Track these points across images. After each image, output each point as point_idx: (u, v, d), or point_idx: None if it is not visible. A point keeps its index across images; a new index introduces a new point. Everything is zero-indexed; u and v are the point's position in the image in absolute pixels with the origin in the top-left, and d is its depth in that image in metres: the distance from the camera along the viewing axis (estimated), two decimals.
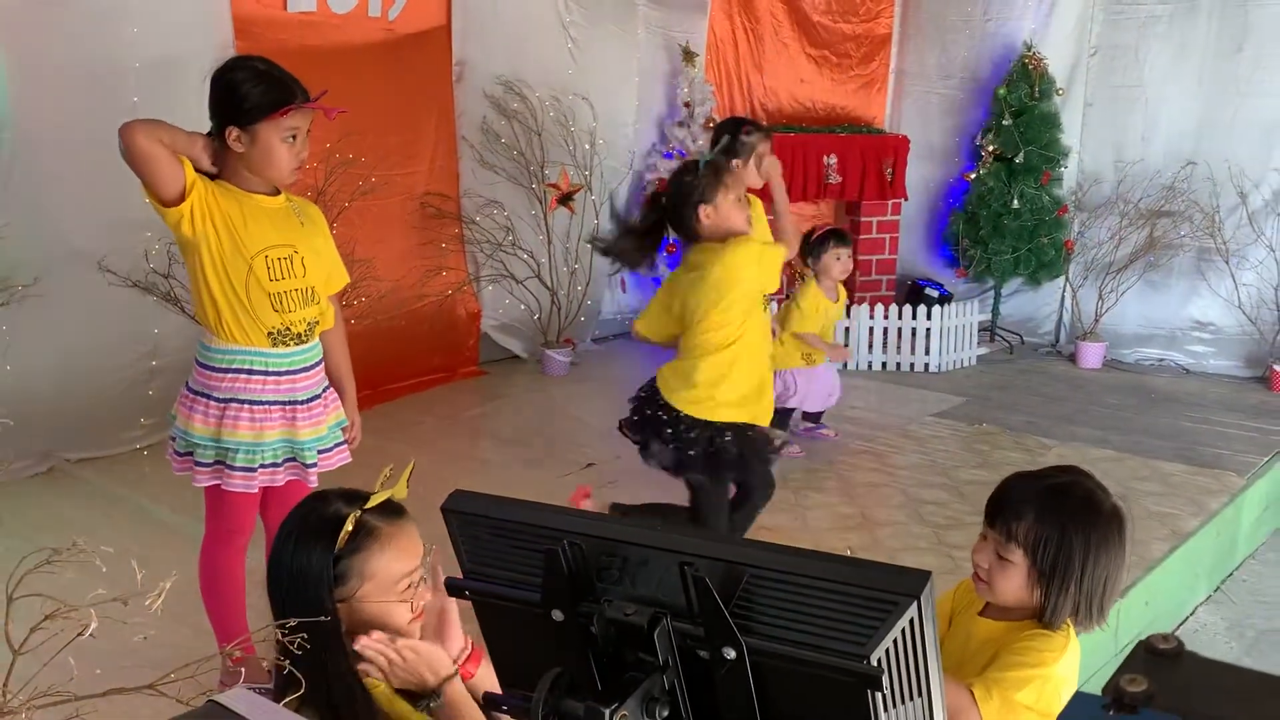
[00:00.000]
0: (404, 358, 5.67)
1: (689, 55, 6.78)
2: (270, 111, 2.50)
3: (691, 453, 3.33)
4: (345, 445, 2.86)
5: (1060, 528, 1.83)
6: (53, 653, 1.31)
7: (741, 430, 3.36)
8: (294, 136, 2.56)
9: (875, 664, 0.93)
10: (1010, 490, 1.90)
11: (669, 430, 3.33)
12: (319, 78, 2.70)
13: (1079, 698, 0.56)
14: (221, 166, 2.59)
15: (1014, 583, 1.86)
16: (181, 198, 2.49)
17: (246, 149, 2.54)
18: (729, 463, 3.36)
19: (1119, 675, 0.57)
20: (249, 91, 2.50)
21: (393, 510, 1.67)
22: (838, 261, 5.10)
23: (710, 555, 1.03)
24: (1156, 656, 0.58)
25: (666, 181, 3.54)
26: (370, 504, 1.63)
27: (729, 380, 3.32)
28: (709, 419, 3.31)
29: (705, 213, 3.28)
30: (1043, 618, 1.87)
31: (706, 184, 3.29)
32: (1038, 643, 1.86)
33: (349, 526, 1.57)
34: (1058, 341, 7.36)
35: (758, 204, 4.46)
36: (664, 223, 3.43)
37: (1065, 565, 1.82)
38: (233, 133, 2.52)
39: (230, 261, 2.58)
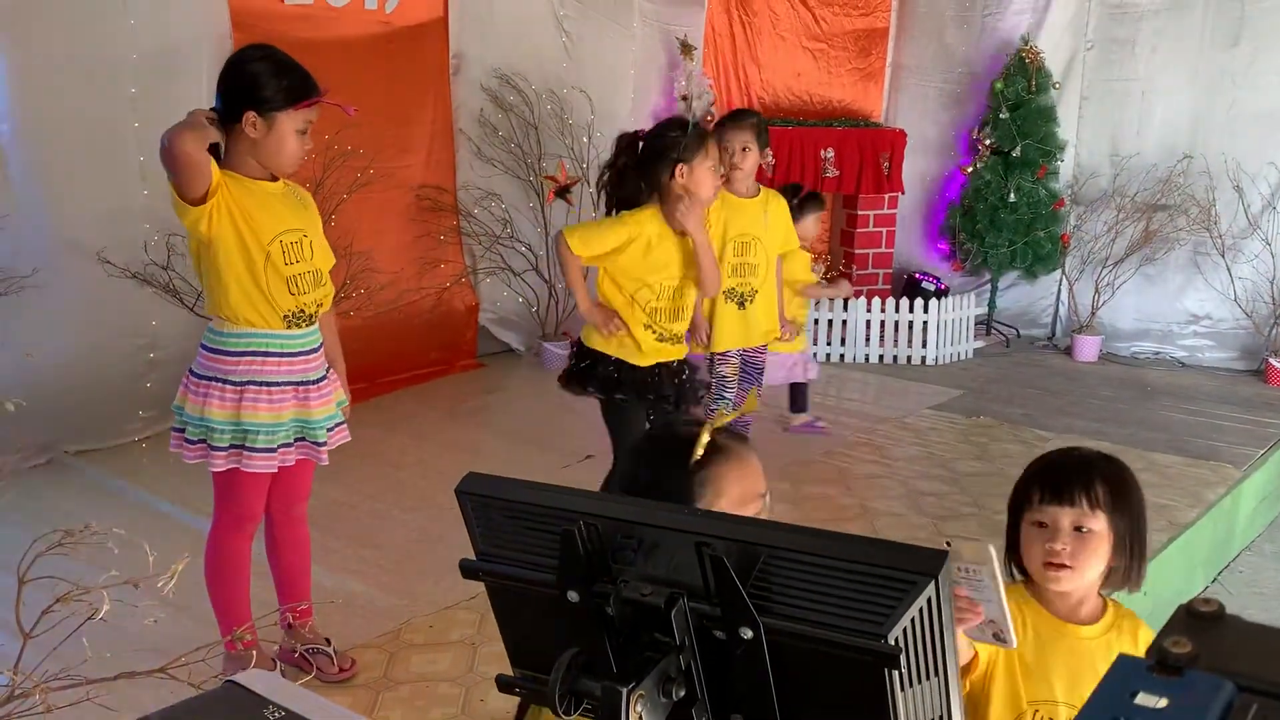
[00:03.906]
0: (402, 350, 5.66)
1: (687, 48, 6.77)
2: (294, 102, 2.56)
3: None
4: (345, 424, 2.88)
5: (1125, 480, 1.79)
6: (62, 637, 1.31)
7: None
8: (304, 131, 2.61)
9: (893, 643, 0.93)
10: (1065, 464, 1.82)
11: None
12: (316, 70, 2.72)
13: (1122, 660, 0.57)
14: (227, 152, 2.60)
15: (1100, 553, 1.77)
16: (206, 197, 2.51)
17: (261, 136, 2.56)
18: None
19: (1162, 638, 0.57)
20: (274, 80, 2.55)
21: (738, 435, 1.67)
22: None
23: (727, 536, 1.03)
24: (1198, 619, 0.58)
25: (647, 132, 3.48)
26: (719, 422, 1.61)
27: None
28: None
29: (681, 170, 3.26)
30: (1129, 580, 1.81)
31: (689, 144, 3.26)
32: (1143, 629, 1.84)
33: (705, 437, 1.56)
34: (1054, 335, 7.39)
35: (781, 202, 4.38)
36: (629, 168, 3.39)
37: (1139, 519, 1.79)
38: (250, 118, 2.54)
39: (250, 250, 2.60)
